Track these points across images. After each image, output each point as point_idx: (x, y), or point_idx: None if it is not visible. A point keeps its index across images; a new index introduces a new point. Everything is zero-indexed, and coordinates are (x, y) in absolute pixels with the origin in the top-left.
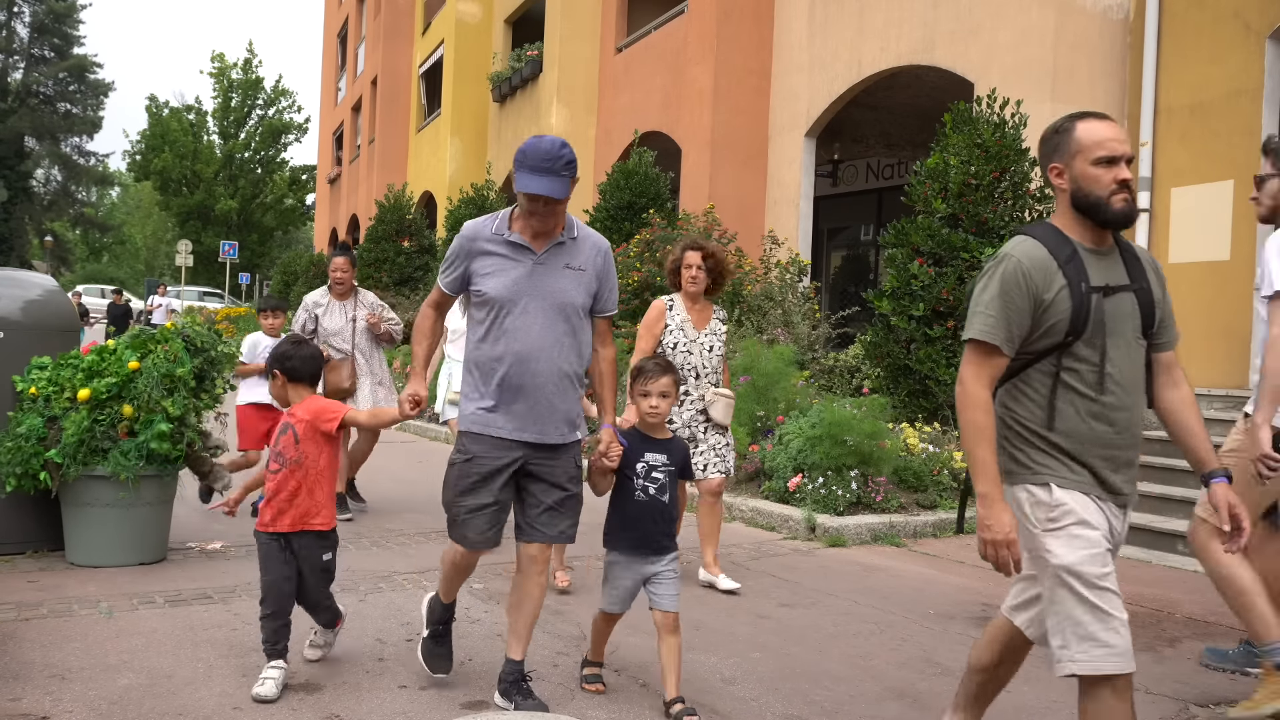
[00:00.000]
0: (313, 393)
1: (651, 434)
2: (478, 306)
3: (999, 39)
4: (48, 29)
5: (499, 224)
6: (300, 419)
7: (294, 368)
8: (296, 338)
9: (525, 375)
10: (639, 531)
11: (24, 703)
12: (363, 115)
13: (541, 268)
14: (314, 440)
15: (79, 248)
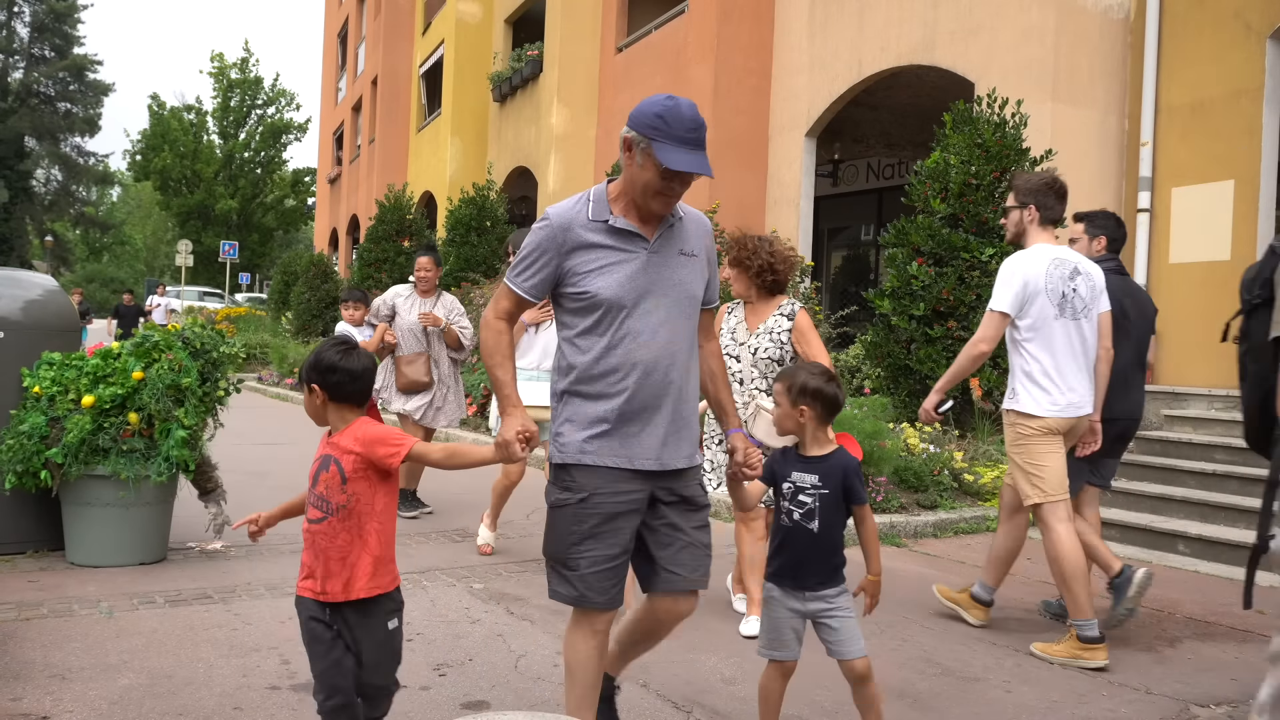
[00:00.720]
0: (361, 414)
1: (803, 449)
2: (578, 312)
3: (999, 39)
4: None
5: (596, 207)
6: (348, 450)
7: (338, 384)
8: (343, 342)
9: (653, 389)
10: (786, 561)
11: (24, 703)
12: (363, 115)
13: (656, 257)
14: (366, 478)
15: (79, 248)
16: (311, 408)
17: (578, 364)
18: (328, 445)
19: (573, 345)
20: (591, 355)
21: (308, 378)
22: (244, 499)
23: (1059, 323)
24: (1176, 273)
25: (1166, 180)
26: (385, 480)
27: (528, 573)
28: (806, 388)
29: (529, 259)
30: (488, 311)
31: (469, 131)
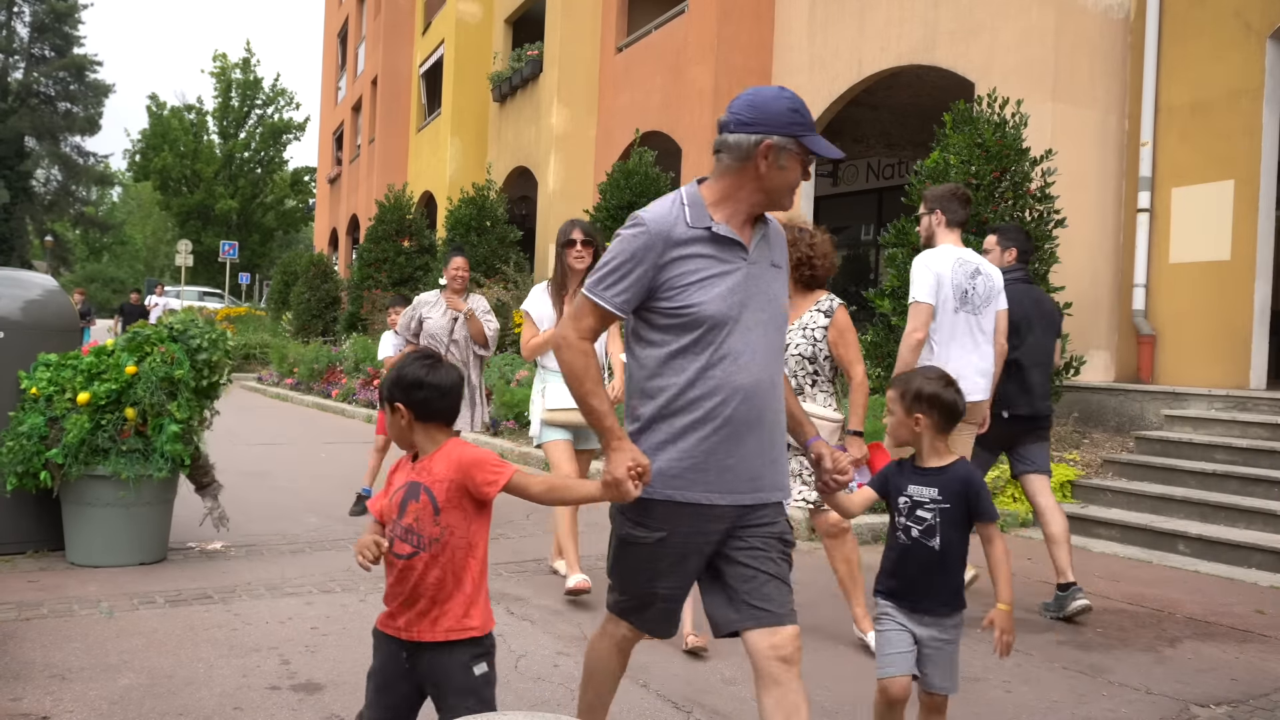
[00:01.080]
0: (451, 434)
1: (920, 460)
2: (671, 329)
3: (1000, 39)
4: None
5: (694, 212)
6: (440, 478)
7: (425, 401)
8: (426, 355)
9: (751, 414)
10: (901, 581)
11: (24, 703)
12: (363, 115)
13: (754, 269)
14: (461, 508)
15: (79, 248)
16: (395, 429)
17: (668, 387)
18: (414, 471)
19: (664, 365)
20: (685, 377)
21: (390, 396)
22: (244, 499)
23: (959, 315)
24: (1176, 273)
25: (1166, 180)
26: (480, 511)
27: (527, 573)
28: (922, 394)
29: (620, 269)
30: (567, 330)
31: (469, 131)
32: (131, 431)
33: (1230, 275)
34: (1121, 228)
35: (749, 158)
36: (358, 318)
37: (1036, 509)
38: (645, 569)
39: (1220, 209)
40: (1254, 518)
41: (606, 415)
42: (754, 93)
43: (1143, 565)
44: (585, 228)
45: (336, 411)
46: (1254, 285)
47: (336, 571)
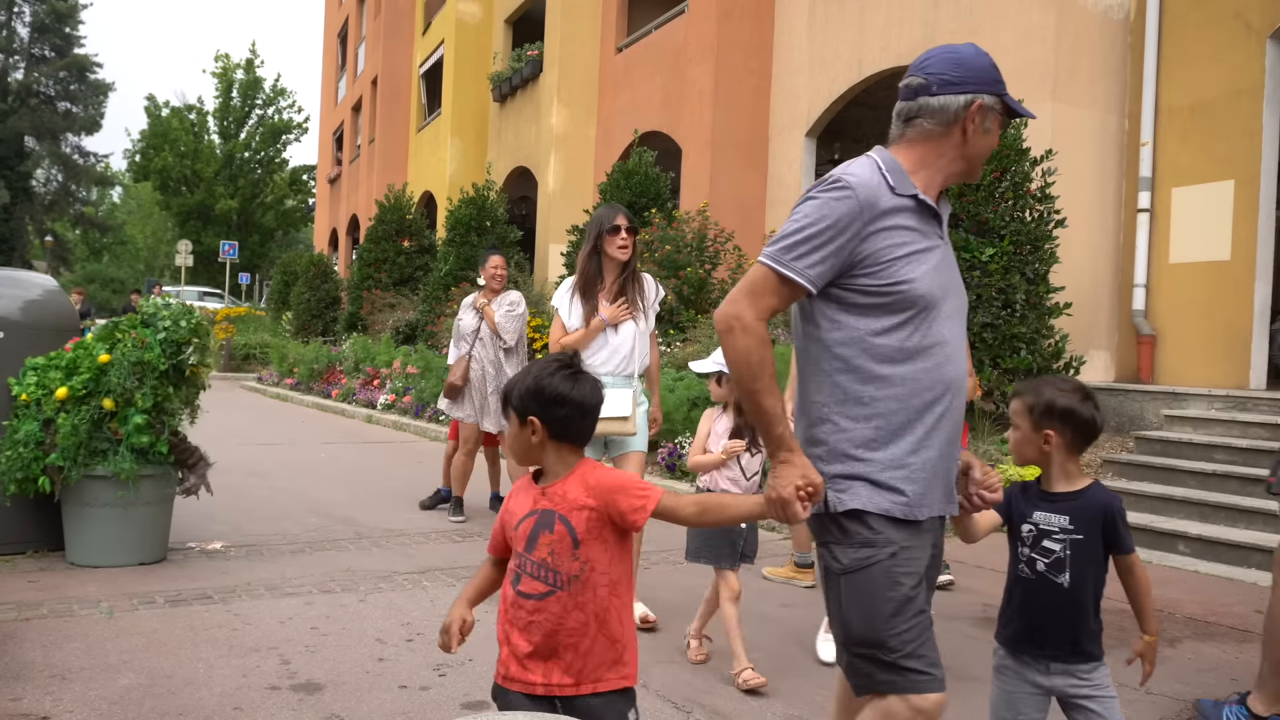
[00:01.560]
0: (582, 455)
1: (1048, 483)
2: (872, 310)
3: (1000, 39)
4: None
5: (897, 179)
6: (578, 505)
7: (566, 420)
8: (568, 365)
9: (957, 415)
10: (1024, 623)
11: (24, 703)
12: (363, 115)
13: (947, 249)
14: (602, 540)
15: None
16: (521, 445)
17: (876, 379)
18: (544, 497)
19: (865, 356)
20: (901, 370)
21: (523, 408)
22: (244, 499)
23: None
24: (1176, 273)
25: (1166, 180)
26: (622, 542)
27: None
28: (1055, 407)
29: (817, 236)
30: (741, 309)
31: (469, 131)
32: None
33: (1230, 275)
34: (1121, 228)
35: (955, 120)
36: (358, 318)
37: None
38: (889, 595)
39: (1220, 209)
40: (1254, 518)
41: (779, 420)
42: (951, 50)
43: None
44: (629, 214)
45: (336, 411)
46: (1254, 285)
47: (336, 571)
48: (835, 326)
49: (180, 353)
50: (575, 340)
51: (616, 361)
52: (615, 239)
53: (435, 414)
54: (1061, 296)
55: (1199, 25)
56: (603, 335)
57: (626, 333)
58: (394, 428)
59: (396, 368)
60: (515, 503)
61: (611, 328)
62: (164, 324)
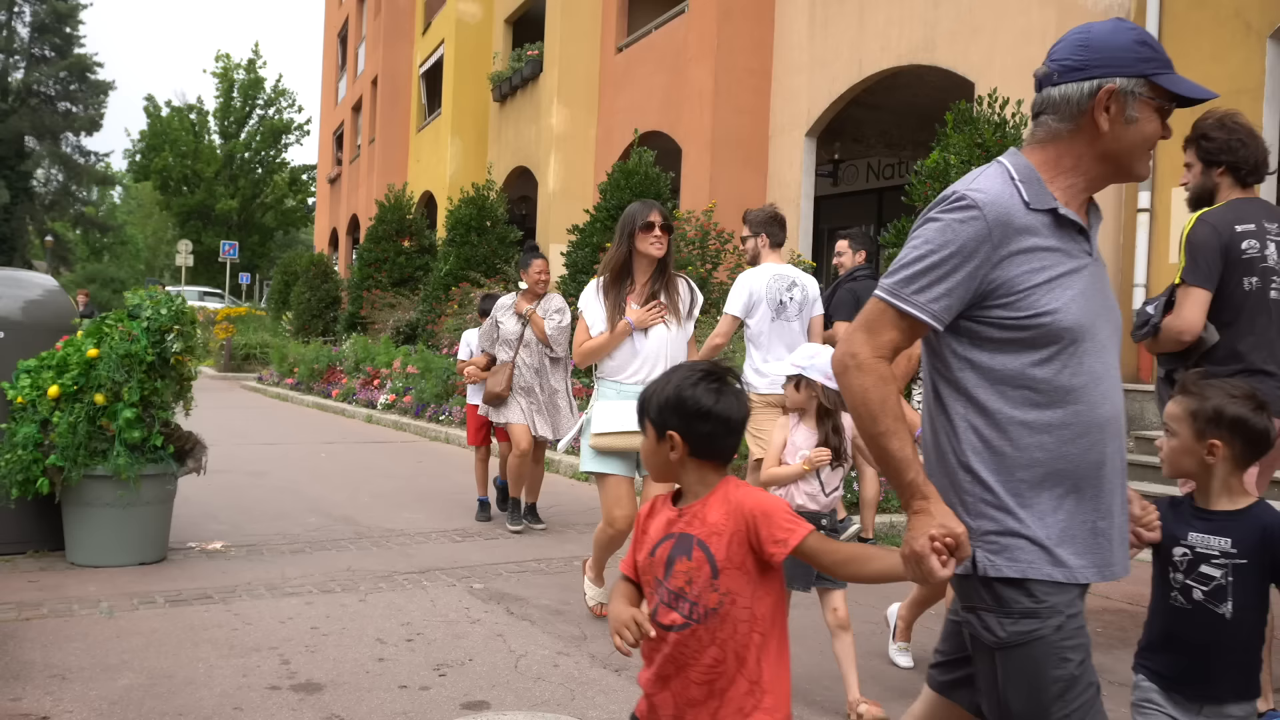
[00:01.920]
0: (725, 473)
1: (1205, 500)
2: (1009, 346)
3: (1000, 39)
4: (48, 28)
5: (1033, 190)
6: (718, 529)
7: (710, 436)
8: (712, 374)
9: (1119, 460)
10: (1177, 658)
11: (24, 702)
12: (363, 115)
13: (1096, 267)
14: (743, 569)
15: (80, 248)
16: (658, 461)
17: (1019, 424)
18: (680, 519)
19: (1003, 399)
20: (1047, 415)
21: (662, 421)
22: (244, 499)
23: (774, 324)
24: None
25: (1166, 180)
26: (765, 573)
27: (527, 573)
28: (1224, 415)
29: (940, 265)
30: (857, 346)
31: (469, 131)
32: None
33: None
34: (1121, 228)
35: (1081, 112)
36: (358, 318)
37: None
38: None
39: None
40: None
41: (908, 464)
42: (1081, 30)
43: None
44: (664, 210)
45: (337, 411)
46: None
47: (336, 571)
48: (966, 365)
49: (163, 340)
50: (599, 345)
51: (646, 371)
52: (648, 236)
53: (435, 414)
54: None
55: (1199, 25)
56: (630, 341)
57: (658, 339)
58: (394, 428)
59: (396, 368)
60: (651, 524)
61: (640, 332)
62: (146, 313)
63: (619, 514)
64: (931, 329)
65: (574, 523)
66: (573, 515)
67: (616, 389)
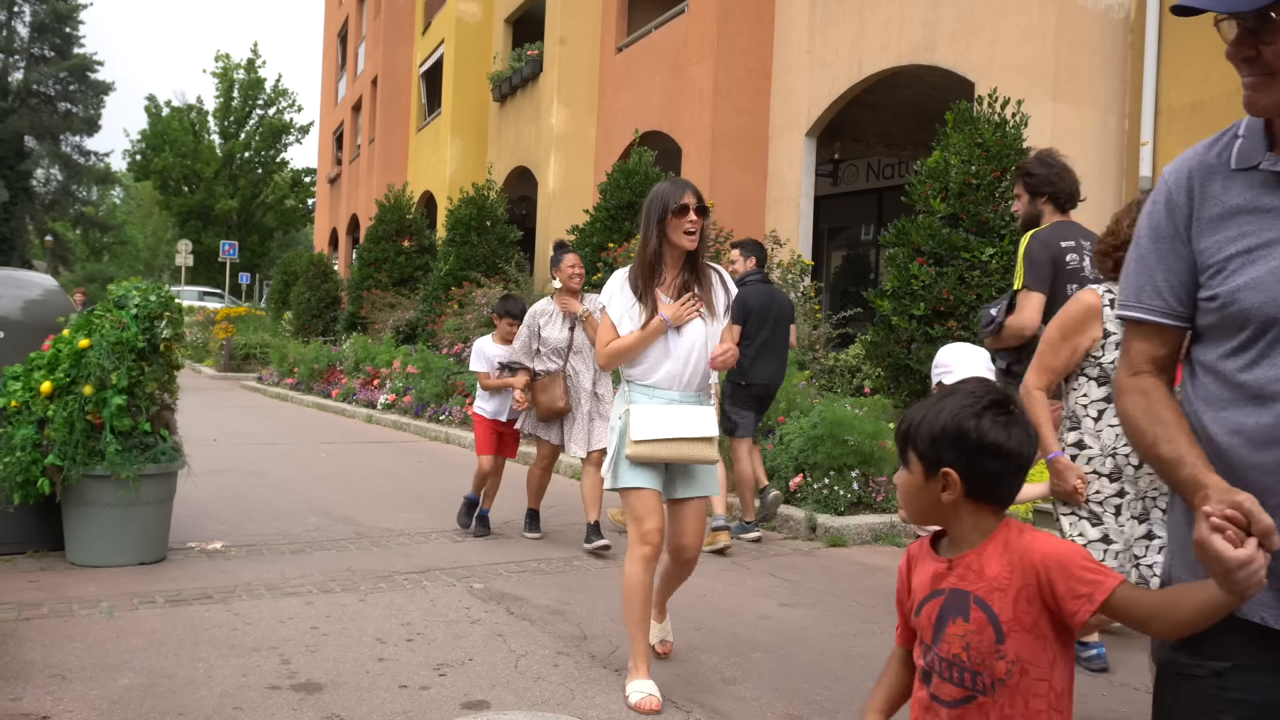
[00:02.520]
0: (1003, 517)
1: None
2: (1207, 334)
3: (1000, 38)
4: (48, 28)
5: (1248, 145)
6: (1001, 583)
7: (996, 476)
8: (1004, 403)
9: None
10: None
11: (24, 702)
12: (363, 115)
13: None
14: (1034, 632)
15: (79, 247)
16: (924, 502)
17: (1220, 429)
18: (951, 572)
19: (1197, 396)
20: (1237, 415)
21: (935, 456)
22: (244, 499)
23: None
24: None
25: None
26: (1061, 636)
27: (527, 573)
28: None
29: (1140, 256)
30: (1118, 371)
31: (469, 131)
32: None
33: None
34: None
35: None
36: (358, 317)
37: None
38: None
39: None
40: None
41: (1179, 463)
42: None
43: None
44: (697, 191)
45: (336, 411)
46: None
47: (336, 571)
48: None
49: (154, 327)
50: (629, 344)
51: (679, 372)
52: (682, 221)
53: (435, 414)
54: None
55: (1199, 25)
56: (661, 340)
57: (692, 337)
58: (394, 427)
59: (396, 367)
60: (916, 577)
61: (674, 330)
62: (135, 301)
63: (650, 526)
64: (1167, 326)
65: (574, 522)
66: (572, 515)
67: (648, 393)
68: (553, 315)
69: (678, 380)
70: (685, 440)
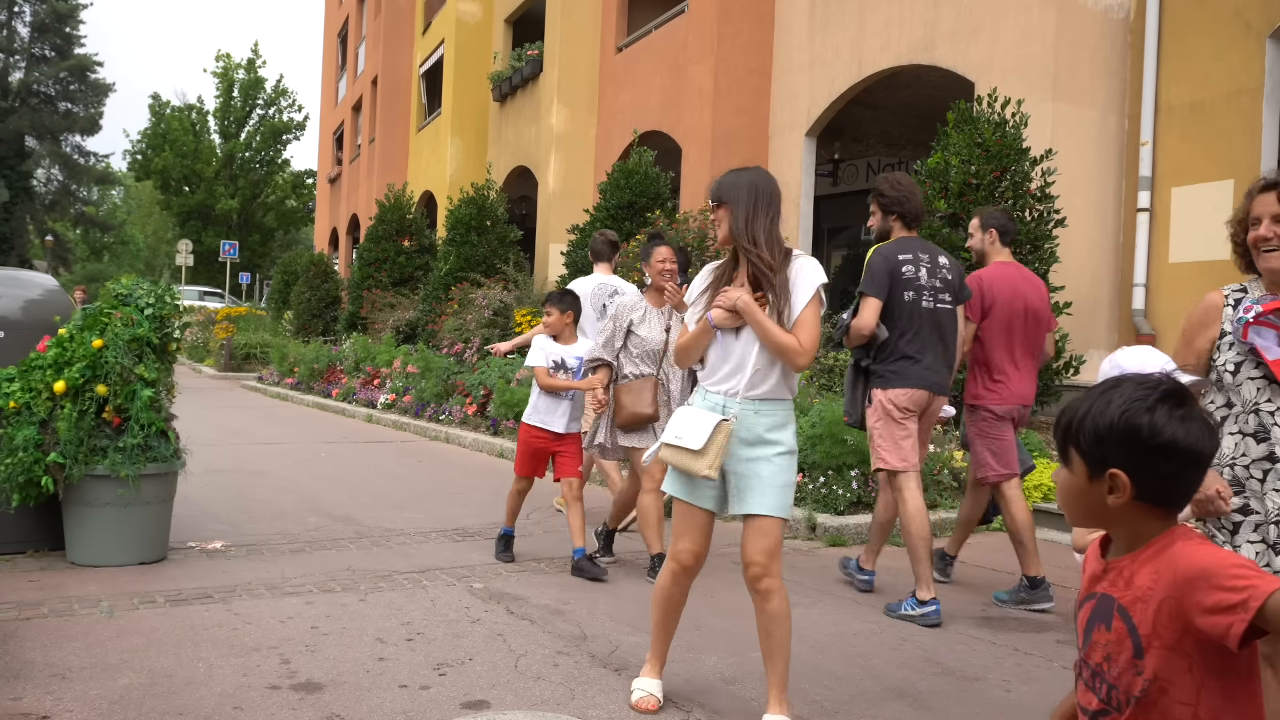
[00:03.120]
0: (1172, 522)
1: None
2: None
3: (1000, 38)
4: (48, 29)
5: None
6: (1146, 594)
7: (1171, 479)
8: (1178, 396)
9: None
10: None
11: (24, 702)
12: (363, 115)
13: None
14: (1180, 650)
15: (80, 247)
16: (1088, 505)
17: None
18: (1104, 576)
19: None
20: None
21: (1102, 455)
22: (244, 498)
23: (599, 323)
24: (1176, 272)
25: (1166, 180)
26: (1229, 663)
27: (527, 573)
28: None
29: None
30: None
31: (469, 131)
32: (121, 418)
33: (1230, 275)
34: (1121, 227)
35: None
36: (358, 317)
37: None
38: None
39: (1220, 209)
40: None
41: None
42: None
43: None
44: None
45: (337, 411)
46: None
47: (337, 571)
48: None
49: (166, 327)
50: (683, 344)
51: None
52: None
53: (435, 413)
54: (1061, 296)
55: (1199, 25)
56: (717, 341)
57: (749, 340)
58: (394, 427)
59: (396, 367)
60: (1084, 577)
61: (730, 331)
62: (146, 300)
63: (683, 546)
64: None
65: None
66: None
67: (702, 395)
68: (646, 312)
69: (733, 384)
70: (678, 449)
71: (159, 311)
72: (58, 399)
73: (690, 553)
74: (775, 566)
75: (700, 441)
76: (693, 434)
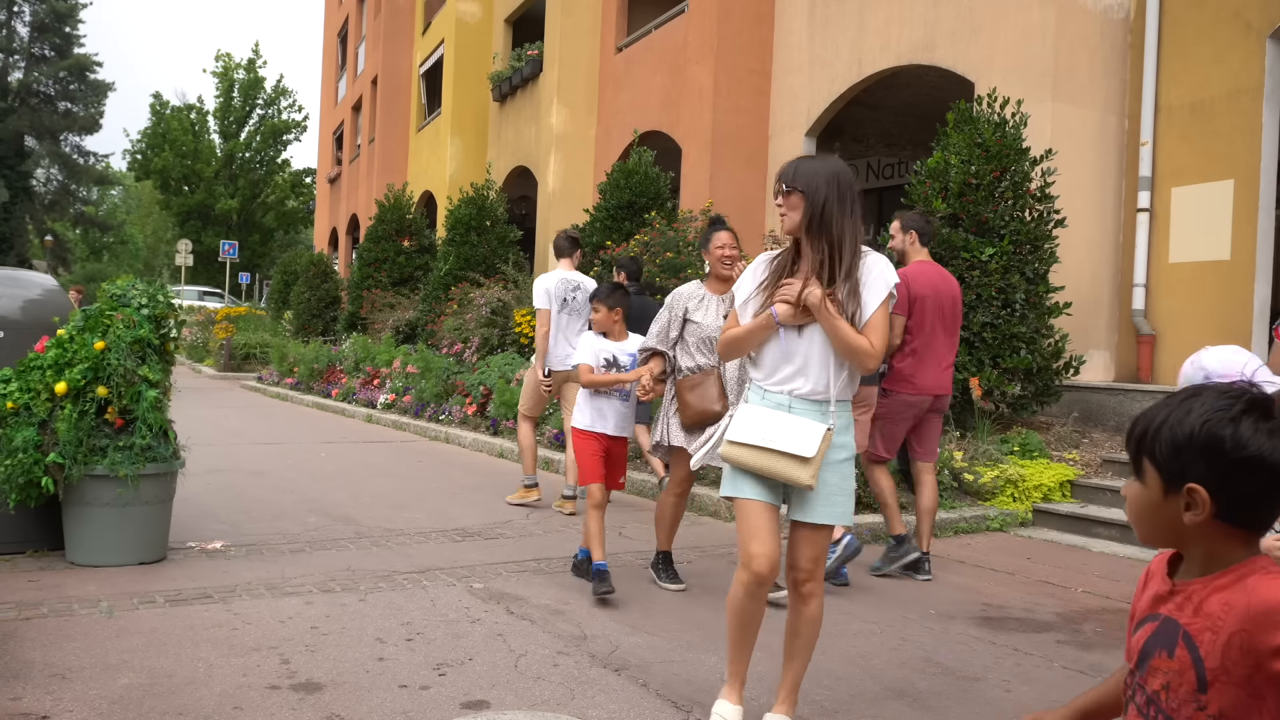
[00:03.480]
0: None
1: None
2: None
3: (1000, 38)
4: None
5: None
6: (1218, 624)
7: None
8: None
9: None
10: None
11: (24, 702)
12: (363, 115)
13: None
14: (1251, 692)
15: (79, 247)
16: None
17: None
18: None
19: None
20: None
21: (1179, 468)
22: (244, 498)
23: (561, 315)
24: (1176, 272)
25: (1166, 180)
26: None
27: (527, 573)
28: None
29: None
30: None
31: (469, 131)
32: (123, 420)
33: (1230, 275)
34: (1121, 227)
35: None
36: (358, 317)
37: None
38: None
39: (1220, 209)
40: None
41: None
42: None
43: (1142, 565)
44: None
45: (336, 411)
46: (1254, 285)
47: (336, 571)
48: None
49: (163, 327)
50: (737, 337)
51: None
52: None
53: (435, 413)
54: (1061, 296)
55: (1199, 25)
56: (777, 338)
57: (816, 338)
58: (394, 427)
59: (396, 367)
60: (1145, 595)
61: (792, 328)
62: (142, 301)
63: (756, 550)
64: None
65: (573, 522)
66: (575, 517)
67: (760, 394)
68: (704, 299)
69: (798, 384)
70: (773, 453)
71: (155, 311)
72: (57, 400)
73: (767, 558)
74: (820, 571)
75: (813, 449)
76: (796, 440)
